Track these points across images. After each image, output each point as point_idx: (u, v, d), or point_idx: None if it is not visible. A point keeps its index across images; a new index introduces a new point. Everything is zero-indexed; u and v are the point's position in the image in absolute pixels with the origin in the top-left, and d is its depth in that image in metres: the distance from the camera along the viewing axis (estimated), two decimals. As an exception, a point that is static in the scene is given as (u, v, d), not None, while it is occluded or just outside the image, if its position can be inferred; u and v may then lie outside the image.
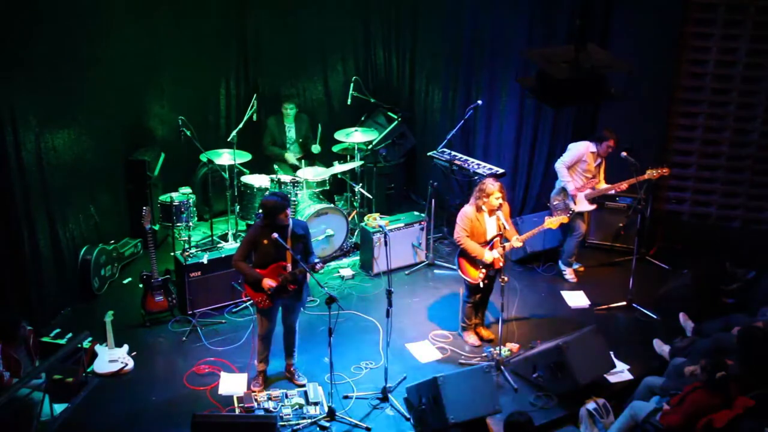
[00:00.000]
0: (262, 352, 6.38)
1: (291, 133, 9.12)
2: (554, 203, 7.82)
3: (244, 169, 8.61)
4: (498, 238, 6.60)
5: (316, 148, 9.05)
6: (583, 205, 7.75)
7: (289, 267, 6.08)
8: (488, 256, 6.56)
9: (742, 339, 5.84)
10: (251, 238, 6.13)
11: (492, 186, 6.48)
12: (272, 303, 6.15)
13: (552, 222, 6.76)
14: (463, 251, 6.64)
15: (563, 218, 6.84)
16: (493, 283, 6.90)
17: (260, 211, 6.25)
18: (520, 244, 6.62)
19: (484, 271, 6.64)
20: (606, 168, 7.83)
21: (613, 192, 7.71)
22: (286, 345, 6.47)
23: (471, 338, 7.01)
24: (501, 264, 6.63)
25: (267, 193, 6.12)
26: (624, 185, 7.57)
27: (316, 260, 6.20)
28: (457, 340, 7.04)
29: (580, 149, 7.71)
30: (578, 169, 7.74)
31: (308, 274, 6.20)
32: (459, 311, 7.09)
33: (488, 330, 7.08)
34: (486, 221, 6.60)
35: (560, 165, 7.78)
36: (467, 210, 6.63)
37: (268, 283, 6.00)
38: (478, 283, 6.67)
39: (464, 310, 7.00)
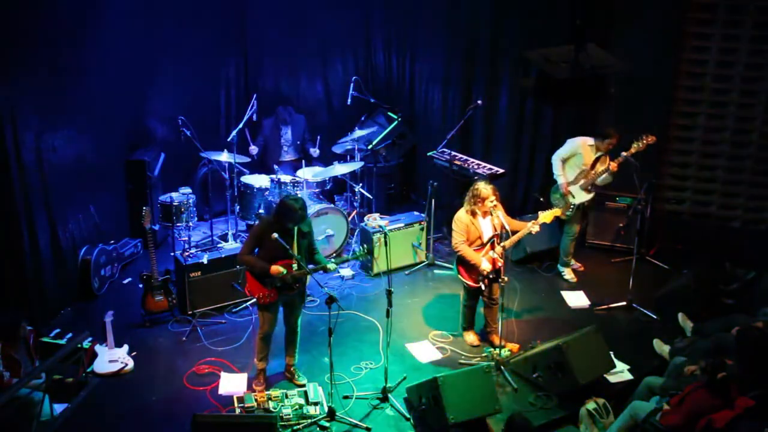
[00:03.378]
0: (262, 351, 6.38)
1: (288, 134, 9.12)
2: (553, 201, 7.82)
3: (244, 169, 8.62)
4: (495, 239, 6.59)
5: (315, 152, 9.04)
6: (580, 196, 7.75)
7: (295, 266, 6.08)
8: (485, 266, 6.54)
9: (739, 340, 5.84)
10: (259, 233, 6.07)
11: (486, 190, 6.46)
12: (276, 297, 6.13)
13: (546, 216, 6.73)
14: (461, 258, 6.65)
15: (556, 211, 6.82)
16: (497, 282, 6.85)
17: (275, 210, 6.17)
18: (537, 228, 6.55)
19: (481, 276, 6.62)
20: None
21: (605, 174, 7.62)
22: (287, 345, 6.48)
23: (470, 338, 7.00)
24: (500, 264, 6.62)
25: (288, 195, 6.01)
26: (614, 164, 7.48)
27: (331, 263, 6.12)
28: (457, 340, 7.04)
29: (576, 142, 7.73)
30: (571, 163, 7.75)
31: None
32: (459, 314, 7.09)
33: (498, 336, 6.81)
34: (481, 223, 6.60)
35: (555, 157, 7.82)
36: (461, 215, 6.62)
37: (278, 268, 5.94)
38: (479, 287, 6.66)
39: (464, 314, 7.01)
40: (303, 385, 6.35)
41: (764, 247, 8.17)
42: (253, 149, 8.72)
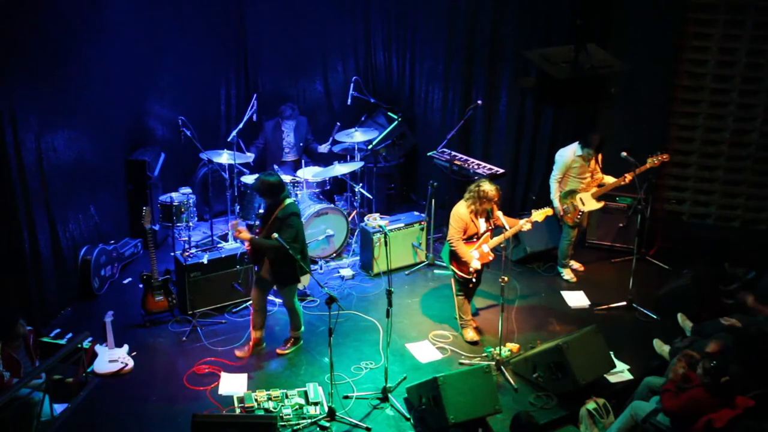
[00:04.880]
0: (255, 320, 6.73)
1: (290, 137, 9.12)
2: (564, 207, 7.80)
3: (244, 169, 8.61)
4: (489, 233, 6.73)
5: (325, 147, 9.04)
6: (590, 204, 7.76)
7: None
8: (476, 264, 6.68)
9: (738, 340, 5.84)
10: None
11: (492, 191, 6.55)
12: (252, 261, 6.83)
13: (538, 215, 6.79)
14: (454, 252, 6.74)
15: (548, 210, 6.87)
16: (481, 275, 7.01)
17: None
18: (529, 226, 6.71)
19: (473, 267, 6.76)
20: (602, 160, 7.80)
21: (620, 184, 7.68)
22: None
23: (470, 334, 7.03)
24: (491, 258, 6.77)
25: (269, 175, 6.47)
26: (628, 177, 7.55)
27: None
28: (457, 340, 7.05)
29: (565, 157, 7.72)
30: (571, 174, 7.74)
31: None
32: (455, 307, 7.12)
33: (474, 320, 7.20)
34: (479, 220, 6.72)
35: (552, 180, 7.86)
36: (462, 211, 6.68)
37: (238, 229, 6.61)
38: (470, 277, 6.78)
39: (458, 305, 7.07)
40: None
41: (764, 247, 8.17)
42: (249, 156, 8.71)
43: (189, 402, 6.13)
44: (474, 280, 6.83)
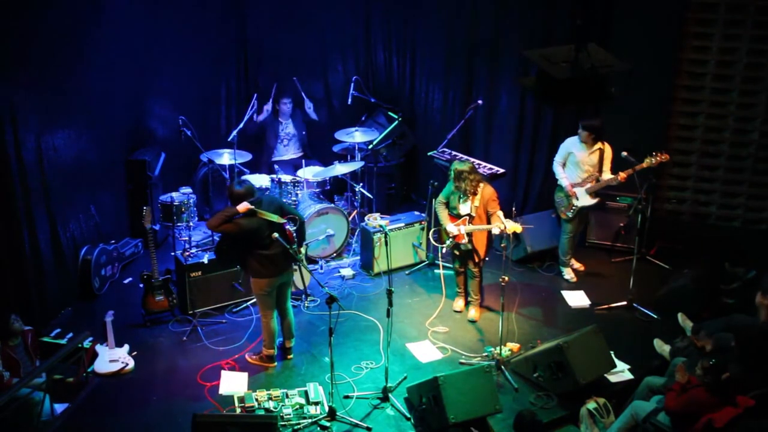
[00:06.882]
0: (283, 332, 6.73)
1: (289, 128, 9.11)
2: (557, 199, 7.84)
3: (244, 169, 8.61)
4: (467, 218, 6.97)
5: (309, 107, 9.05)
6: (584, 200, 7.76)
7: None
8: (451, 228, 7.03)
9: (739, 339, 5.83)
10: None
11: (462, 167, 6.90)
12: None
13: (511, 226, 6.65)
14: (435, 216, 7.27)
15: (517, 228, 6.71)
16: (466, 265, 7.23)
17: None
18: (497, 231, 6.82)
19: (449, 241, 7.12)
20: (613, 160, 7.81)
21: (614, 183, 7.64)
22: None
23: (457, 304, 7.52)
24: (464, 241, 6.99)
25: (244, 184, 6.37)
26: (621, 175, 7.53)
27: None
28: (456, 340, 7.05)
29: (566, 143, 7.82)
30: (569, 163, 7.78)
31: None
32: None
33: (475, 310, 7.40)
34: (460, 200, 6.98)
35: (554, 164, 7.94)
36: (449, 186, 7.11)
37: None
38: (443, 247, 7.23)
39: (455, 281, 7.55)
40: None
41: (764, 247, 8.17)
42: (264, 113, 8.86)
43: (189, 402, 6.14)
44: (443, 250, 7.30)
